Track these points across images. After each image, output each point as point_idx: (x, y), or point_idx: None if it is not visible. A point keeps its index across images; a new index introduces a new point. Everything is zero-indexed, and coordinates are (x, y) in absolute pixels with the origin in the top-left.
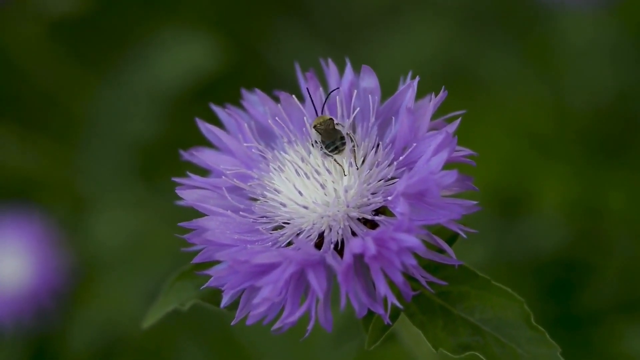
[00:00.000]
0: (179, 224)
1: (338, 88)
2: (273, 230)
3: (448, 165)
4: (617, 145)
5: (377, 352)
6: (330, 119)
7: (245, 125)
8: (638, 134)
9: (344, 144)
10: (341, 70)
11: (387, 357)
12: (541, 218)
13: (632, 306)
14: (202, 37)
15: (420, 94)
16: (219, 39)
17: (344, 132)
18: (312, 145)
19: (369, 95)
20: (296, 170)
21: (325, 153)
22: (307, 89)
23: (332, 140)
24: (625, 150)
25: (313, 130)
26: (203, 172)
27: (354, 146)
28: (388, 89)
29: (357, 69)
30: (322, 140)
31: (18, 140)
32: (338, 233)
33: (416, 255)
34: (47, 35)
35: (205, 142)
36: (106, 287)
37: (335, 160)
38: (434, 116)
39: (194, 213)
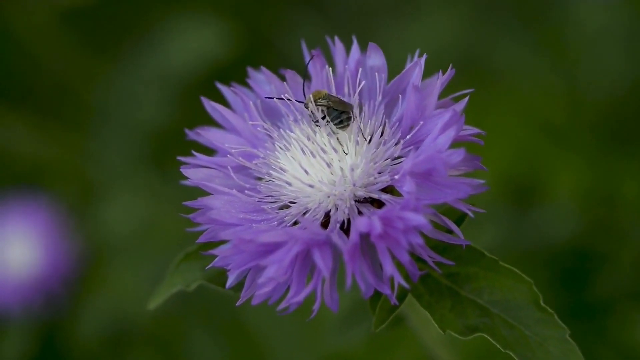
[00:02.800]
0: (184, 202)
1: (312, 56)
2: (279, 209)
3: (456, 144)
4: (630, 133)
5: (385, 337)
6: (326, 92)
7: (251, 103)
8: None
9: (349, 118)
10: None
11: (395, 341)
12: (554, 207)
13: None
14: (213, 24)
15: None
16: (231, 26)
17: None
18: (316, 122)
19: (376, 74)
20: (302, 149)
21: (332, 125)
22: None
23: (343, 110)
24: (637, 138)
25: (314, 105)
26: (210, 152)
27: (359, 124)
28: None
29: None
30: (330, 112)
31: (30, 127)
32: (344, 212)
33: (424, 237)
34: (59, 23)
35: (214, 125)
36: (116, 273)
37: (337, 139)
38: (444, 97)
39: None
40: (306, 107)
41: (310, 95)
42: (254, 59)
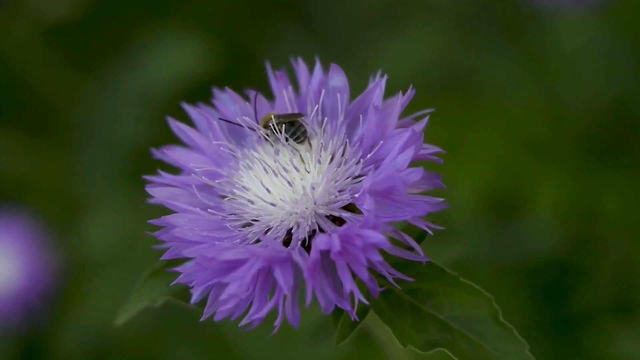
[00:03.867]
0: (149, 220)
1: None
2: (242, 227)
3: (417, 163)
4: (612, 148)
5: (360, 349)
6: (274, 113)
7: (216, 123)
8: (633, 137)
9: (304, 133)
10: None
11: (369, 353)
12: (536, 221)
13: (623, 308)
14: (196, 40)
15: (417, 98)
16: (216, 42)
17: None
18: (270, 142)
19: (338, 94)
20: (264, 168)
21: (292, 141)
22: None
23: (294, 120)
24: (620, 153)
25: (276, 127)
26: (177, 171)
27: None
28: (386, 93)
29: (355, 72)
30: (286, 129)
31: (12, 143)
32: (306, 230)
33: (385, 254)
34: (42, 40)
35: (185, 145)
36: (97, 289)
37: (300, 157)
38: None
39: None
40: (267, 133)
41: (265, 121)
42: (238, 75)
